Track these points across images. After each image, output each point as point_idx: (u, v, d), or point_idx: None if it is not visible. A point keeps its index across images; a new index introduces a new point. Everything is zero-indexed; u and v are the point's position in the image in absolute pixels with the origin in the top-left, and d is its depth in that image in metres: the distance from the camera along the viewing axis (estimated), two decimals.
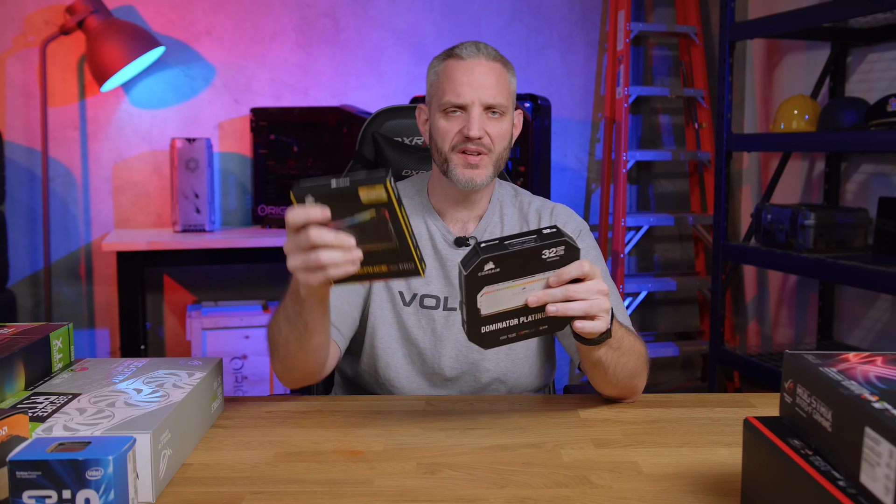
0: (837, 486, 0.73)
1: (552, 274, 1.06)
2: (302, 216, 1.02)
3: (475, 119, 1.31)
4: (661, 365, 3.56)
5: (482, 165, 1.34)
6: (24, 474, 0.82)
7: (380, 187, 1.01)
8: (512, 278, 1.06)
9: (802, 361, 0.86)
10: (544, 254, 1.06)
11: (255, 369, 2.91)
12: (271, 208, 3.06)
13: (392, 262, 1.07)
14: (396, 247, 1.05)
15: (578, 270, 1.06)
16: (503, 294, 1.06)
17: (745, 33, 2.77)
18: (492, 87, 1.32)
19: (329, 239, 1.02)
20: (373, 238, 1.04)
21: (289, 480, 1.01)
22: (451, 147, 1.34)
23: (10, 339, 1.14)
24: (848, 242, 2.53)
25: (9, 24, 3.04)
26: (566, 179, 3.50)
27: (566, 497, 0.96)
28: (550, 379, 1.54)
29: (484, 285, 1.05)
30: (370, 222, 1.03)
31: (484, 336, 1.08)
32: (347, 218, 1.03)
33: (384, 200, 1.01)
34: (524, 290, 1.06)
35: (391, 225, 1.04)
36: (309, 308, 1.16)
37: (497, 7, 3.36)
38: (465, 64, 1.33)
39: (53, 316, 3.11)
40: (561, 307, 1.06)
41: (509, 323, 1.08)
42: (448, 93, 1.33)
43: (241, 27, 3.19)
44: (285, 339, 1.23)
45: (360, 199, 1.02)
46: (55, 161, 3.10)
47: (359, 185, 1.01)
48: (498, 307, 1.07)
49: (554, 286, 1.06)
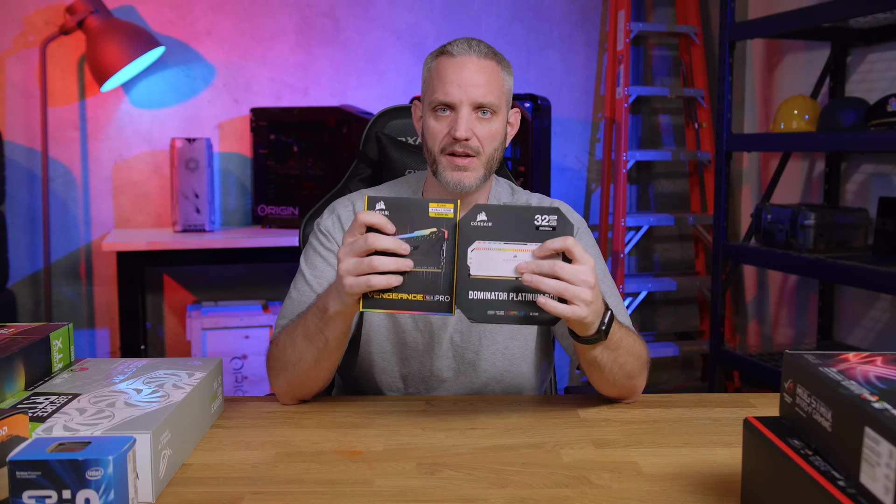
0: (837, 486, 0.73)
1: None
2: (373, 218, 1.07)
3: (463, 120, 1.28)
4: (661, 365, 3.56)
5: (471, 168, 1.31)
6: (24, 474, 0.82)
7: (450, 205, 1.08)
8: (504, 239, 1.07)
9: (802, 361, 0.86)
10: (537, 219, 1.08)
11: (255, 369, 2.91)
12: (271, 208, 3.06)
13: (430, 291, 1.08)
14: (441, 273, 1.08)
15: (562, 244, 1.07)
16: (494, 257, 1.08)
17: (745, 33, 2.77)
18: (482, 85, 1.29)
19: (385, 243, 1.07)
20: (423, 259, 1.08)
21: (289, 480, 1.01)
22: (441, 149, 1.31)
23: (10, 339, 1.14)
24: (848, 242, 2.53)
25: (9, 24, 3.04)
26: (566, 179, 3.50)
27: (566, 497, 0.96)
28: (547, 380, 1.54)
29: (475, 238, 1.07)
30: (427, 240, 1.08)
31: (472, 303, 1.08)
32: (407, 232, 1.08)
33: (450, 217, 1.08)
34: (515, 258, 1.07)
35: (445, 247, 1.08)
36: (333, 325, 1.18)
37: (497, 7, 3.36)
38: (455, 61, 1.30)
39: (53, 316, 3.11)
40: (536, 280, 1.05)
41: (498, 296, 1.08)
42: (437, 91, 1.30)
43: (241, 27, 3.19)
44: (299, 357, 1.23)
45: (427, 214, 1.08)
46: (55, 161, 3.10)
47: (431, 200, 1.08)
48: (488, 271, 1.07)
49: (538, 256, 1.07)
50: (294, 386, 1.28)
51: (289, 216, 3.04)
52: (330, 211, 1.44)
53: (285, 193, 3.05)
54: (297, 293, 1.36)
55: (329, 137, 2.99)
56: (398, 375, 1.41)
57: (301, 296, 1.35)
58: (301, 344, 1.22)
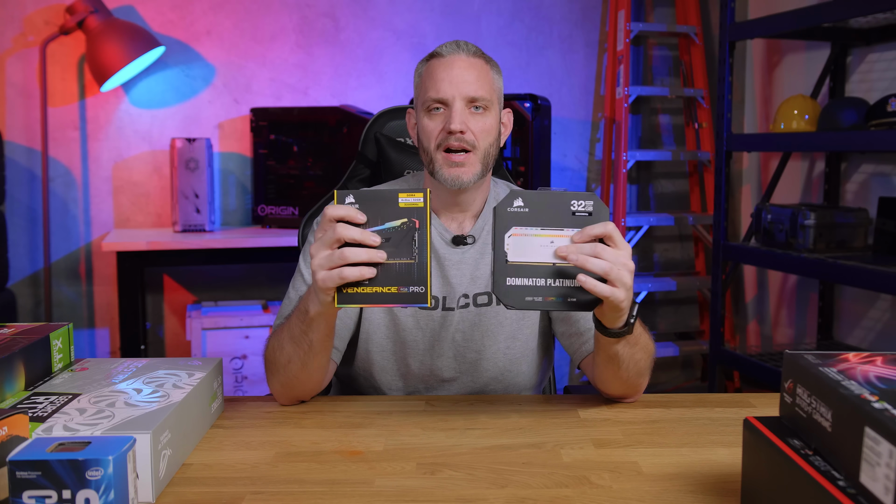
0: (837, 486, 0.73)
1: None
2: (341, 210, 1.07)
3: (457, 113, 1.30)
4: (661, 365, 3.56)
5: (468, 163, 1.32)
6: (24, 474, 0.82)
7: (419, 194, 1.07)
8: (541, 225, 1.07)
9: (802, 361, 0.86)
10: (573, 205, 1.07)
11: (255, 369, 2.91)
12: (271, 208, 3.06)
13: (404, 283, 1.08)
14: (413, 263, 1.07)
15: (602, 229, 1.07)
16: (531, 242, 1.07)
17: (745, 33, 2.76)
18: (472, 81, 1.31)
19: (354, 234, 1.07)
20: (395, 250, 1.07)
21: (289, 480, 1.01)
22: (436, 146, 1.32)
23: (10, 339, 1.14)
24: (848, 242, 2.53)
25: (9, 24, 3.04)
26: (566, 179, 3.50)
27: (566, 497, 0.96)
28: (546, 378, 1.54)
29: (512, 224, 1.07)
30: (399, 231, 1.07)
31: (510, 290, 1.08)
32: (379, 224, 1.07)
33: (420, 206, 1.07)
34: (552, 243, 1.07)
35: (417, 237, 1.07)
36: (316, 327, 1.18)
37: (497, 7, 3.36)
38: (445, 61, 1.33)
39: (53, 316, 3.11)
40: (581, 259, 1.05)
41: (536, 282, 1.07)
42: (429, 90, 1.32)
43: (241, 27, 3.19)
44: (287, 359, 1.24)
45: (397, 204, 1.07)
46: (55, 161, 3.10)
47: (400, 191, 1.08)
48: (525, 257, 1.07)
49: (577, 241, 1.06)
50: (288, 387, 1.28)
51: (289, 216, 3.04)
52: None
53: (285, 193, 3.05)
54: (295, 293, 1.36)
55: (329, 137, 2.99)
56: (398, 374, 1.41)
57: (298, 294, 1.35)
58: (288, 347, 1.23)
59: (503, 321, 1.40)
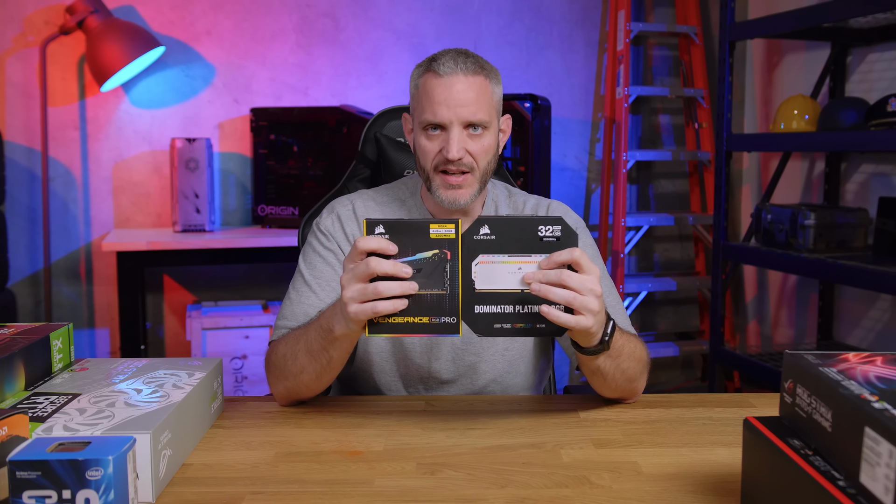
0: (837, 486, 0.73)
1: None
2: (373, 243, 1.05)
3: (454, 141, 1.27)
4: (661, 365, 3.56)
5: (465, 185, 1.31)
6: (24, 474, 0.82)
7: (451, 225, 1.06)
8: (508, 251, 1.06)
9: (802, 361, 0.86)
10: (540, 230, 1.07)
11: (255, 369, 2.91)
12: (271, 208, 3.06)
13: (436, 313, 1.07)
14: (446, 295, 1.07)
15: (569, 255, 1.05)
16: (498, 270, 1.07)
17: (745, 33, 2.76)
18: (471, 104, 1.28)
19: (387, 268, 1.05)
20: (427, 281, 1.06)
21: (289, 480, 1.01)
22: (433, 167, 1.31)
23: (10, 339, 1.14)
24: (848, 242, 2.53)
25: (9, 24, 3.04)
26: (566, 179, 3.50)
27: (566, 497, 0.96)
28: (546, 379, 1.54)
29: (479, 252, 1.06)
30: (430, 262, 1.06)
31: (478, 317, 1.07)
32: (410, 255, 1.06)
33: (451, 237, 1.06)
34: (520, 270, 1.07)
35: (449, 268, 1.06)
36: (339, 346, 1.18)
37: (497, 7, 3.36)
38: (442, 81, 1.28)
39: (53, 316, 3.11)
40: (544, 289, 1.04)
41: (504, 309, 1.07)
42: (426, 111, 1.29)
43: (241, 27, 3.19)
44: (300, 369, 1.23)
45: (428, 235, 1.06)
46: (55, 161, 3.10)
47: (432, 221, 1.06)
48: (493, 284, 1.07)
49: (544, 268, 1.06)
50: (293, 392, 1.28)
51: (289, 216, 3.04)
52: (329, 210, 1.43)
53: (285, 193, 3.05)
54: (297, 293, 1.36)
55: (329, 137, 2.99)
56: (397, 376, 1.41)
57: (300, 296, 1.35)
58: (303, 358, 1.22)
59: None
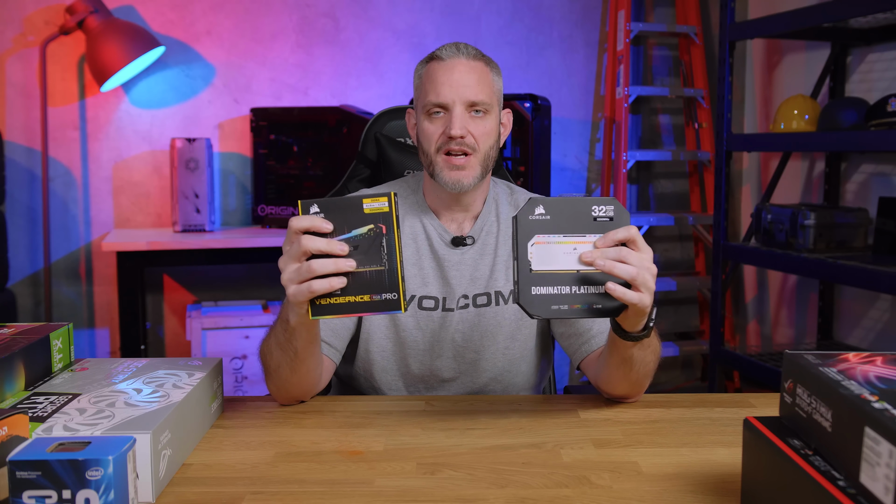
0: (837, 486, 0.73)
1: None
2: (305, 222, 1.05)
3: (457, 118, 1.31)
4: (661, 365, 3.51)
5: (468, 166, 1.33)
6: (24, 474, 0.82)
7: (384, 199, 1.05)
8: (563, 232, 1.06)
9: (802, 361, 0.86)
10: (594, 210, 1.06)
11: (255, 369, 2.91)
12: (271, 208, 3.06)
13: (376, 290, 1.06)
14: (384, 270, 1.06)
15: (626, 233, 1.05)
16: (554, 250, 1.06)
17: (745, 33, 2.76)
18: (473, 85, 1.32)
19: (321, 245, 1.04)
20: (364, 258, 1.06)
21: (289, 480, 1.01)
22: (436, 149, 1.33)
23: (10, 339, 1.14)
24: (848, 242, 2.53)
25: (9, 24, 3.04)
26: (566, 179, 3.50)
27: (566, 497, 0.96)
28: (546, 378, 1.54)
29: (535, 233, 1.06)
30: (366, 237, 1.05)
31: (535, 299, 1.06)
32: (345, 233, 1.05)
33: (385, 210, 1.05)
34: (575, 250, 1.06)
35: (385, 243, 1.05)
36: (298, 335, 1.18)
37: (497, 7, 3.36)
38: (445, 64, 1.33)
39: (53, 316, 3.11)
40: (609, 265, 1.04)
41: (561, 290, 1.06)
42: (430, 93, 1.33)
43: (241, 27, 3.19)
44: (277, 364, 1.24)
45: (362, 211, 1.05)
46: (55, 161, 3.10)
47: (364, 196, 1.05)
48: (549, 265, 1.06)
49: (600, 247, 1.05)
50: (283, 389, 1.28)
51: (289, 216, 3.04)
52: None
53: (285, 193, 3.05)
54: None
55: (329, 137, 2.99)
56: (398, 374, 1.41)
57: None
58: (276, 352, 1.23)
59: (502, 322, 1.40)
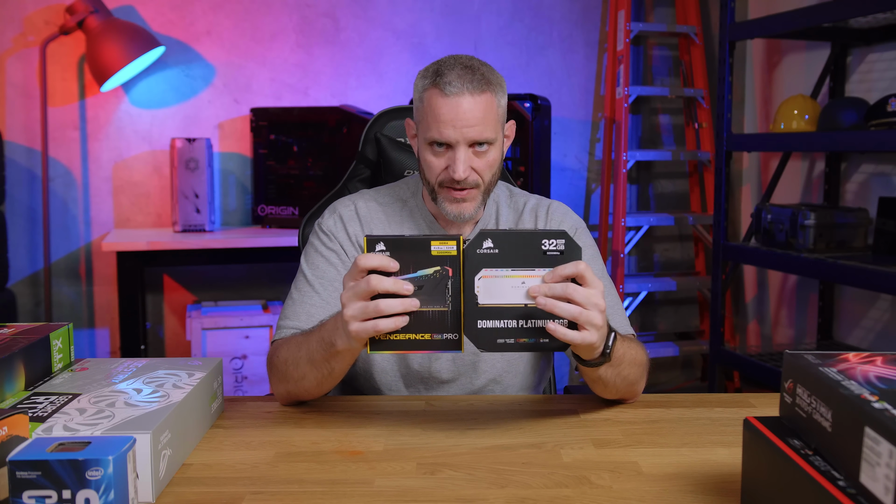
0: (837, 486, 0.73)
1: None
2: (374, 261, 1.04)
3: (460, 162, 1.28)
4: (661, 365, 3.56)
5: (469, 199, 1.32)
6: (24, 474, 0.82)
7: (452, 242, 1.05)
8: (511, 265, 1.05)
9: (802, 361, 0.86)
10: (544, 244, 1.06)
11: (255, 369, 2.91)
12: (271, 208, 3.06)
13: (437, 330, 1.06)
14: (448, 311, 1.06)
15: (574, 269, 1.05)
16: (502, 284, 1.05)
17: (745, 33, 2.76)
18: (477, 123, 1.28)
19: (388, 285, 1.04)
20: (428, 298, 1.06)
21: (289, 480, 1.01)
22: (438, 183, 1.32)
23: (10, 339, 1.14)
24: (848, 242, 2.53)
25: (9, 24, 3.04)
26: (566, 179, 3.50)
27: (566, 497, 0.96)
28: (546, 380, 1.54)
29: (482, 266, 1.05)
30: (431, 279, 1.05)
31: (480, 332, 1.06)
32: (411, 272, 1.05)
33: (453, 254, 1.05)
34: (524, 284, 1.06)
35: (450, 285, 1.06)
36: (340, 359, 1.18)
37: (497, 7, 3.36)
38: (448, 101, 1.27)
39: (53, 316, 3.11)
40: (550, 303, 1.03)
41: (507, 324, 1.06)
42: (432, 129, 1.29)
43: (241, 27, 3.19)
44: (301, 376, 1.24)
45: (429, 252, 1.05)
46: (55, 161, 3.10)
47: (433, 238, 1.06)
48: (496, 299, 1.06)
49: (549, 282, 1.05)
50: (294, 395, 1.29)
51: (289, 216, 3.04)
52: (331, 211, 1.44)
53: (285, 193, 3.05)
54: (299, 294, 1.36)
55: (329, 137, 2.99)
56: (398, 375, 1.41)
57: (303, 296, 1.35)
58: (305, 366, 1.22)
59: None
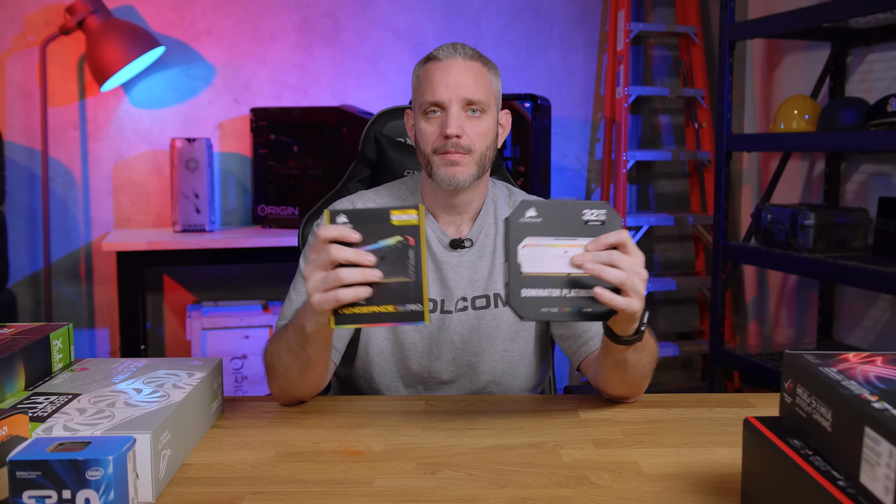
0: (837, 486, 0.73)
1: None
2: (334, 231, 1.05)
3: (453, 117, 1.31)
4: (661, 365, 3.53)
5: (463, 163, 1.33)
6: (24, 474, 0.82)
7: (413, 211, 1.05)
8: (554, 234, 1.06)
9: (802, 361, 0.86)
10: (586, 213, 1.06)
11: (255, 369, 2.91)
12: (271, 208, 3.06)
13: (400, 301, 1.06)
14: (410, 282, 1.06)
15: (617, 237, 1.05)
16: (545, 253, 1.05)
17: (745, 33, 2.76)
18: (469, 84, 1.32)
19: (348, 255, 1.04)
20: (391, 269, 1.06)
21: (289, 480, 1.01)
22: (433, 150, 1.33)
23: (10, 339, 1.14)
24: (848, 242, 2.53)
25: (9, 24, 3.04)
26: (566, 179, 3.50)
27: (566, 497, 0.96)
28: (545, 380, 1.54)
29: (525, 235, 1.05)
30: (393, 249, 1.05)
31: (524, 301, 1.05)
32: (372, 243, 1.06)
33: (414, 224, 1.05)
34: (566, 253, 1.05)
35: (412, 255, 1.06)
36: (313, 342, 1.18)
37: (497, 7, 3.36)
38: (442, 65, 1.33)
39: (53, 316, 3.11)
40: (598, 268, 1.03)
41: (551, 293, 1.06)
42: (426, 93, 1.33)
43: (241, 27, 3.19)
44: (285, 368, 1.24)
45: (390, 222, 1.05)
46: (55, 161, 3.10)
47: (393, 208, 1.05)
48: (540, 268, 1.05)
49: (591, 250, 1.05)
50: (287, 391, 1.29)
51: (289, 216, 3.04)
52: None
53: (285, 193, 3.05)
54: (297, 294, 1.36)
55: (329, 137, 2.99)
56: (397, 376, 1.41)
57: (300, 297, 1.35)
58: (286, 357, 1.23)
59: (501, 324, 1.40)
